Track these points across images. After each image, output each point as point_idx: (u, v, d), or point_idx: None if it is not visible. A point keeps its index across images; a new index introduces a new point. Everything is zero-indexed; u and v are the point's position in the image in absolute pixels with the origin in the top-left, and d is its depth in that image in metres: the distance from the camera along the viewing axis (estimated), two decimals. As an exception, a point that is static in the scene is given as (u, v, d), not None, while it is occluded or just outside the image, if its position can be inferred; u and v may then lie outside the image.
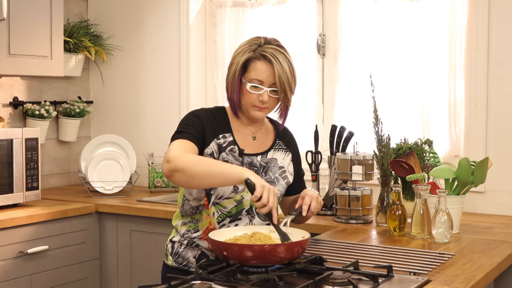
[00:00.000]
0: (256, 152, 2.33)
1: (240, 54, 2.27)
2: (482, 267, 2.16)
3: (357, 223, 2.89)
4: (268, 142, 2.38)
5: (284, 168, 2.37)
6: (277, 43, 2.28)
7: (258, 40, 2.28)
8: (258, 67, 2.23)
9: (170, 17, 4.02)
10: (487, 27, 3.17)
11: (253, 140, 2.34)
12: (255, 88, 2.24)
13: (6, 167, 3.28)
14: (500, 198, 3.16)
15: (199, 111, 2.32)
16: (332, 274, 1.88)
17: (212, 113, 2.32)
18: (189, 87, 3.97)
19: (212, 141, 2.26)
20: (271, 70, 2.22)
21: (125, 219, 3.45)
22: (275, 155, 2.36)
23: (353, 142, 3.04)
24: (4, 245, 3.07)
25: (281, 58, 2.23)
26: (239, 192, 2.25)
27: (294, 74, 2.26)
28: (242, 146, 2.30)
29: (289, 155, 2.41)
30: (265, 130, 2.40)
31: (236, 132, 2.32)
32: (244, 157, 2.29)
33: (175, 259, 2.32)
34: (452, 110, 3.31)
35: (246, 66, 2.25)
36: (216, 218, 2.26)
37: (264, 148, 2.35)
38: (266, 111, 2.29)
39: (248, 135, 2.35)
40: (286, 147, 2.41)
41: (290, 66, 2.25)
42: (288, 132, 2.47)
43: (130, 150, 3.87)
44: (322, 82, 3.65)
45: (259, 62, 2.23)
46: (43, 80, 3.98)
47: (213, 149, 2.26)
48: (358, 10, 3.52)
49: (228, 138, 2.29)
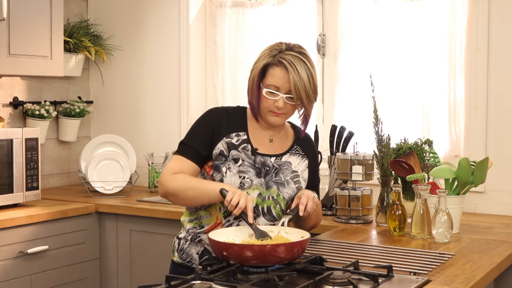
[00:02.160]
0: (270, 153, 2.33)
1: (261, 59, 2.28)
2: (482, 267, 2.16)
3: (357, 223, 2.89)
4: (285, 146, 2.39)
5: (298, 173, 2.36)
6: (299, 50, 2.26)
7: (280, 46, 2.27)
8: (275, 74, 2.23)
9: (170, 17, 4.02)
10: (487, 27, 3.17)
11: (270, 143, 2.36)
12: (271, 94, 2.24)
13: (6, 167, 3.28)
14: (500, 198, 3.16)
15: (214, 112, 2.36)
16: (332, 274, 1.88)
17: (229, 112, 2.35)
18: (189, 87, 3.97)
19: (221, 140, 2.28)
20: (287, 77, 2.22)
21: (125, 219, 3.45)
22: (290, 159, 2.36)
23: (353, 142, 3.04)
24: (4, 245, 3.07)
25: (299, 66, 2.21)
26: (245, 188, 2.26)
27: (313, 83, 2.24)
28: (256, 145, 2.31)
29: (305, 161, 2.40)
30: (284, 134, 2.40)
31: (252, 132, 2.34)
32: (257, 156, 2.30)
33: (180, 255, 2.35)
34: (452, 110, 3.31)
35: (264, 72, 2.26)
36: (222, 213, 2.28)
37: (280, 150, 2.36)
38: (283, 117, 2.29)
39: (265, 137, 2.36)
40: (303, 153, 2.40)
41: (309, 74, 2.22)
42: (309, 139, 2.47)
43: (130, 150, 3.87)
44: (322, 82, 3.65)
45: (277, 69, 2.24)
46: (43, 80, 3.98)
47: (222, 148, 2.28)
48: (358, 10, 3.52)
49: (242, 136, 2.31)
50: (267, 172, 2.30)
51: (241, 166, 2.27)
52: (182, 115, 3.96)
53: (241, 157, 2.28)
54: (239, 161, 2.28)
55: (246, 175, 2.27)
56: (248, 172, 2.27)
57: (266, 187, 2.29)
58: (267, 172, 2.30)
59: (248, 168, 2.28)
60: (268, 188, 2.29)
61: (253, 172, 2.28)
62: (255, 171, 2.28)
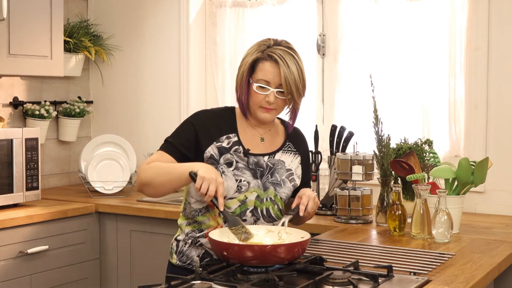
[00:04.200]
0: (263, 152, 2.32)
1: (249, 55, 2.27)
2: (482, 267, 2.16)
3: (357, 223, 2.89)
4: (277, 143, 2.37)
5: (292, 171, 2.36)
6: (287, 45, 2.26)
7: (268, 41, 2.27)
8: (265, 68, 2.23)
9: (170, 17, 4.02)
10: (487, 27, 3.17)
11: (261, 142, 2.34)
12: (262, 89, 2.23)
13: (6, 167, 3.28)
14: (500, 198, 3.16)
15: (200, 115, 2.33)
16: (332, 274, 1.88)
17: (217, 114, 2.33)
18: (189, 87, 3.97)
19: (211, 145, 2.26)
20: (277, 71, 2.21)
21: (125, 219, 3.45)
22: (282, 157, 2.35)
23: (353, 142, 3.04)
24: (4, 245, 3.07)
25: (289, 60, 2.21)
26: (243, 192, 2.25)
27: (302, 77, 2.24)
28: (247, 146, 2.30)
29: (298, 158, 2.40)
30: (275, 131, 2.39)
31: (242, 133, 2.32)
32: (250, 157, 2.28)
33: (179, 258, 2.32)
34: (452, 110, 3.31)
35: (253, 67, 2.25)
36: (222, 218, 2.25)
37: (272, 149, 2.35)
38: (273, 113, 2.28)
39: (256, 136, 2.34)
40: (295, 150, 2.40)
41: (299, 68, 2.23)
42: (300, 134, 2.46)
43: (130, 150, 3.87)
44: (322, 82, 3.65)
45: (266, 63, 2.23)
46: (43, 80, 3.98)
47: (212, 153, 2.26)
48: (358, 10, 3.52)
49: (232, 138, 2.29)
50: (262, 173, 2.29)
51: (235, 170, 2.25)
52: (182, 115, 3.95)
53: (234, 160, 2.26)
54: (233, 164, 2.26)
55: (242, 177, 2.25)
56: (244, 175, 2.26)
57: (263, 188, 2.28)
58: (262, 172, 2.29)
59: (243, 170, 2.26)
60: (265, 190, 2.29)
61: (249, 173, 2.27)
62: (251, 173, 2.27)
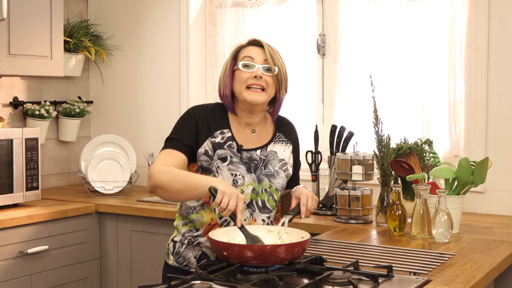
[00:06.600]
0: (255, 146, 2.34)
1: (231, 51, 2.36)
2: (482, 267, 2.16)
3: (357, 223, 2.89)
4: (268, 135, 2.39)
5: (285, 160, 2.38)
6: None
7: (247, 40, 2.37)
8: (249, 49, 2.31)
9: (170, 17, 4.02)
10: (487, 27, 3.17)
11: (252, 133, 2.35)
12: (247, 67, 2.27)
13: (6, 167, 3.28)
14: (500, 198, 3.16)
15: (197, 109, 2.35)
16: (332, 274, 1.88)
17: (211, 110, 2.35)
18: (189, 87, 3.97)
19: (206, 140, 2.28)
20: (261, 50, 2.29)
21: (125, 219, 3.45)
22: (275, 148, 2.37)
23: (353, 142, 3.04)
24: (4, 245, 3.07)
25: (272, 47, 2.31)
26: (239, 186, 2.26)
27: (285, 69, 2.32)
28: (240, 141, 2.31)
29: (289, 147, 2.42)
30: (264, 122, 2.40)
31: (235, 127, 2.33)
32: (243, 152, 2.30)
33: (176, 259, 2.33)
34: (452, 110, 3.31)
35: (236, 57, 2.31)
36: (217, 213, 2.27)
37: (263, 142, 2.37)
38: (263, 95, 2.28)
39: (248, 129, 2.36)
40: (286, 139, 2.42)
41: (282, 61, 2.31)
42: (289, 124, 2.49)
43: (130, 150, 3.88)
44: (322, 82, 3.65)
45: (249, 47, 2.32)
46: (43, 80, 3.98)
47: (207, 148, 2.27)
48: (358, 10, 3.52)
49: (226, 133, 2.31)
50: (256, 166, 2.31)
51: (230, 164, 2.27)
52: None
53: (228, 155, 2.28)
54: (227, 159, 2.27)
55: (237, 172, 2.27)
56: (239, 169, 2.28)
57: (258, 181, 2.30)
58: (256, 165, 2.31)
59: (237, 165, 2.28)
60: (260, 182, 2.30)
61: (243, 168, 2.29)
62: (245, 167, 2.29)
